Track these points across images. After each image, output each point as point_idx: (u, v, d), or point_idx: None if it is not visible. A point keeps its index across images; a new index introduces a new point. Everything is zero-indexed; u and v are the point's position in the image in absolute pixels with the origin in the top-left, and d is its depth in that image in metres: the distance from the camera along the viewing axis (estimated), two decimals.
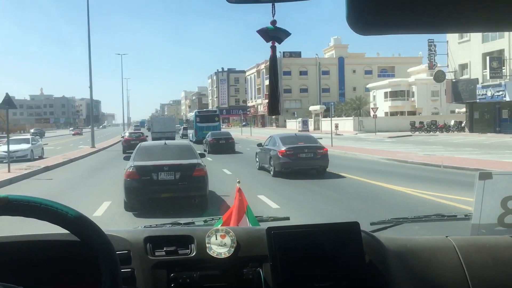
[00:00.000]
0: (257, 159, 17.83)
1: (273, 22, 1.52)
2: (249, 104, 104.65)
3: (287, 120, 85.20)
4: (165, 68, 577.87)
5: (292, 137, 16.61)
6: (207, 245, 1.63)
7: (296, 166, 14.83)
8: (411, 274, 1.65)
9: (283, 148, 14.91)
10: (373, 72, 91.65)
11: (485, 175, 2.05)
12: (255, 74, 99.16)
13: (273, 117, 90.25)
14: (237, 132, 57.36)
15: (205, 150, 26.09)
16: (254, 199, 9.75)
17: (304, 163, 14.94)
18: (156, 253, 1.62)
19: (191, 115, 50.20)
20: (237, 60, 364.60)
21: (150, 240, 1.66)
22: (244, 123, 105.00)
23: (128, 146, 25.92)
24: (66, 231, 0.98)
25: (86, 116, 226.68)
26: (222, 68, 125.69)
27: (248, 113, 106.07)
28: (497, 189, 2.04)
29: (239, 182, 2.98)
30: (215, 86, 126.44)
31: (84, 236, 0.92)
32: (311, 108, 71.34)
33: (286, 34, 1.55)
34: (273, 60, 1.64)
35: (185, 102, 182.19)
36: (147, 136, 36.16)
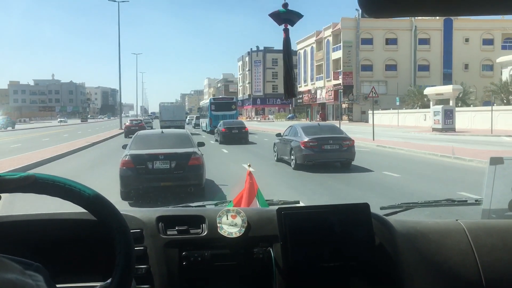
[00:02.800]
0: (275, 150, 16.38)
1: (285, 5, 1.53)
2: (302, 89, 76.08)
3: (370, 112, 55.95)
4: (186, 57, 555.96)
5: (314, 127, 15.21)
6: (218, 224, 1.64)
7: (320, 159, 13.44)
8: (421, 256, 1.64)
9: (306, 139, 13.46)
10: (495, 41, 61.94)
11: (496, 160, 2.03)
12: (314, 45, 70.48)
13: (344, 106, 61.03)
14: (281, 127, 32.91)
15: (216, 140, 26.70)
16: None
17: (328, 156, 13.52)
18: (168, 232, 1.64)
19: (205, 102, 45.45)
20: (273, 39, 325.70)
21: (162, 219, 1.67)
22: (290, 115, 76.66)
23: (129, 131, 30.61)
24: (80, 210, 1.02)
25: (102, 105, 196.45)
26: (257, 47, 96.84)
27: (299, 101, 77.94)
28: (508, 174, 2.02)
29: (249, 165, 2.97)
30: (247, 69, 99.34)
31: (101, 215, 0.94)
32: (429, 90, 42.53)
33: (299, 16, 1.57)
34: (287, 43, 1.65)
35: (208, 91, 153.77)
36: (146, 123, 42.80)
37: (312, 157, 13.30)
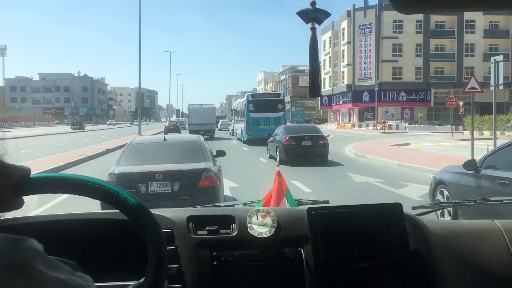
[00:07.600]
0: (436, 193, 7.39)
1: (313, 3, 1.54)
2: None
3: None
4: (235, 53, 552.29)
5: None
6: (248, 224, 1.65)
7: None
8: (455, 256, 1.61)
9: None
10: None
11: None
12: None
13: None
14: None
15: (271, 157, 17.95)
16: None
17: None
18: (199, 232, 1.66)
19: (239, 102, 36.28)
20: None
21: (192, 219, 1.69)
22: None
23: (168, 131, 35.70)
24: (112, 210, 1.03)
25: (136, 108, 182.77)
26: (365, 2, 57.13)
27: None
28: None
29: (278, 165, 2.99)
30: (345, 41, 58.57)
31: (136, 218, 0.95)
32: None
33: (326, 14, 1.56)
34: (314, 41, 1.65)
35: (264, 88, 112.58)
36: (181, 125, 50.25)
37: None
